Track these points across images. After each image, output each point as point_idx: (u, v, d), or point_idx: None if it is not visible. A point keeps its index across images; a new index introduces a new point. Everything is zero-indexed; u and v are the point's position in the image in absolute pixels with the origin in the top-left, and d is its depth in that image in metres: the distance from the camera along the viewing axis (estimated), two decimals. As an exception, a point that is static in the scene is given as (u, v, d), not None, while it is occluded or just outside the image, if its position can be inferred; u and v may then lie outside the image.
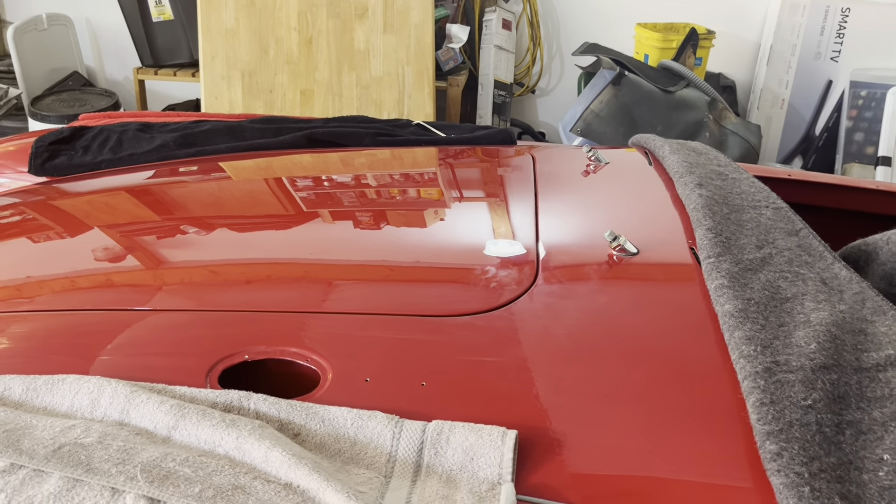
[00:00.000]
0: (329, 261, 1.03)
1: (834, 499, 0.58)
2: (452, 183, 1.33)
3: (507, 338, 0.80)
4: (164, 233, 1.14)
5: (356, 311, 0.86)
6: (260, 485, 0.62)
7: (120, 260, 1.04)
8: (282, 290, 0.93)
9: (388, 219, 1.15)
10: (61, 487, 0.61)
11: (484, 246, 1.00)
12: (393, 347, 0.80)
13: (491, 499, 0.62)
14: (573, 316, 0.84)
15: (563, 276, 0.92)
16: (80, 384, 0.74)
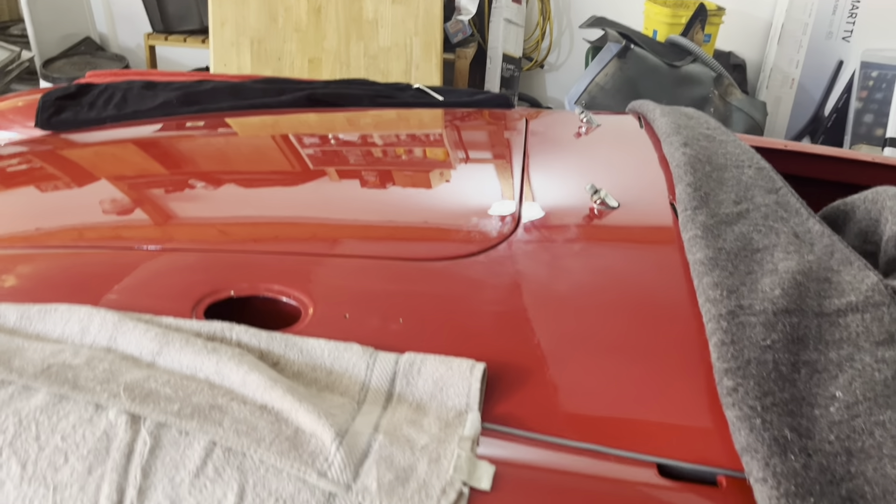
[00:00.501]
0: (316, 207, 1.06)
1: (784, 431, 0.60)
2: (443, 140, 1.35)
3: (483, 281, 0.83)
4: (160, 179, 1.17)
5: (339, 254, 0.89)
6: (236, 405, 0.65)
7: (117, 203, 1.07)
8: (269, 233, 0.96)
9: (376, 170, 1.17)
10: (48, 402, 0.64)
11: (467, 197, 1.03)
12: (373, 288, 0.82)
13: (457, 425, 0.65)
14: (548, 263, 0.86)
15: (542, 226, 0.94)
16: (72, 313, 0.77)
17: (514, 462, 0.64)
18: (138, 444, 0.61)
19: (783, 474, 0.57)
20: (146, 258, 0.90)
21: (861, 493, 0.57)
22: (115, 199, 1.08)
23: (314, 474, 0.59)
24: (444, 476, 0.60)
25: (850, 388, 0.63)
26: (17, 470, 0.60)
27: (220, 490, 0.59)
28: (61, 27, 3.81)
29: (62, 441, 0.61)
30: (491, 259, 0.85)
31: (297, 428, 0.63)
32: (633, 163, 1.17)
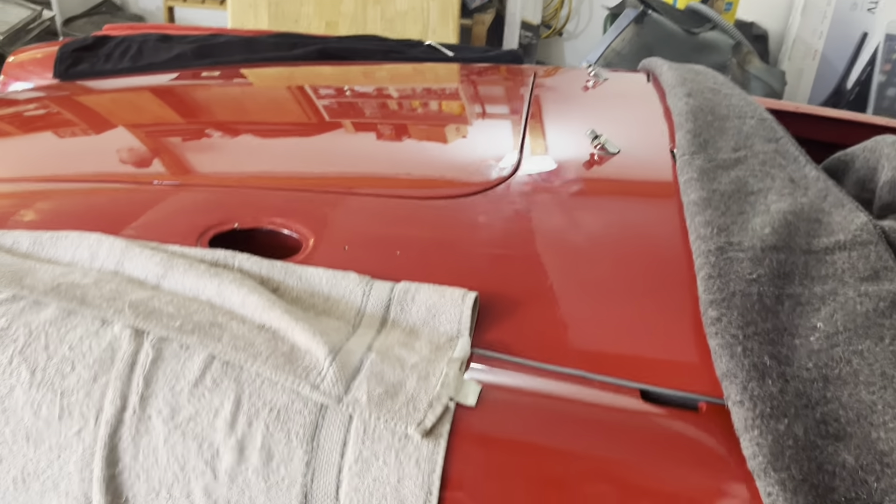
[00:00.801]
0: (320, 149, 1.08)
1: (763, 357, 0.62)
2: (448, 91, 1.36)
3: (480, 219, 0.84)
4: (173, 123, 1.20)
5: (340, 191, 0.91)
6: (235, 323, 0.68)
7: (130, 143, 1.10)
8: (273, 172, 0.99)
9: (381, 118, 1.19)
10: (57, 316, 0.67)
11: (470, 143, 1.04)
12: (372, 223, 0.84)
13: (447, 348, 0.68)
14: (545, 203, 0.88)
15: (541, 170, 0.95)
16: (82, 239, 0.80)
17: (501, 385, 0.66)
18: (141, 356, 0.64)
19: (759, 397, 0.59)
20: (155, 193, 0.93)
21: (835, 417, 0.59)
22: (128, 140, 1.11)
23: (307, 387, 0.62)
24: (431, 391, 0.62)
25: (832, 320, 0.64)
26: (26, 376, 0.64)
27: (217, 399, 0.62)
28: (83, -13, 3.84)
29: (69, 351, 0.65)
30: (489, 199, 0.87)
31: (293, 345, 0.66)
32: (637, 113, 1.18)
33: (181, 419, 0.61)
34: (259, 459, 0.60)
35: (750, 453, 0.57)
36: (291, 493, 0.59)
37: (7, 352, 0.64)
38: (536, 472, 0.60)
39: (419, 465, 0.59)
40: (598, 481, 0.61)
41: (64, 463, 0.62)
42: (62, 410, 0.62)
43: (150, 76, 1.50)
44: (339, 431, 0.60)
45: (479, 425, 0.62)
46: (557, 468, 0.60)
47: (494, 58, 1.62)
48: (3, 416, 0.63)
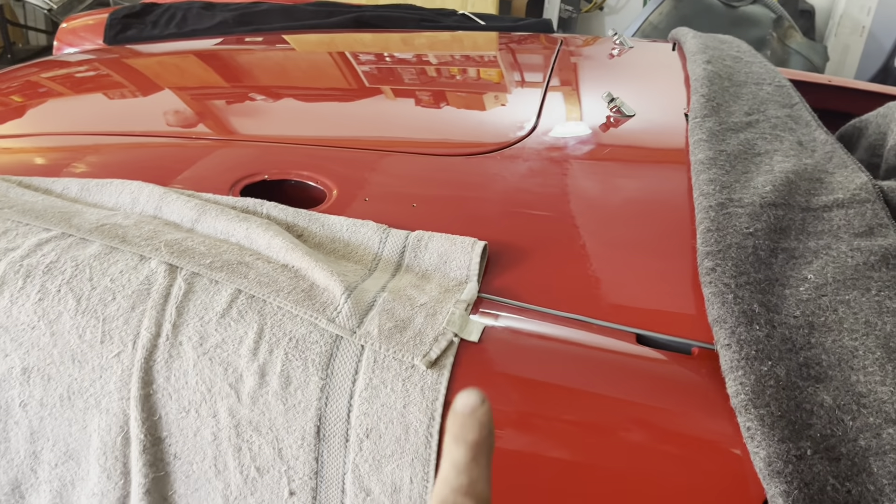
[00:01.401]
0: (347, 109, 1.13)
1: (753, 305, 0.65)
2: (476, 57, 1.39)
3: (495, 175, 0.88)
4: (212, 84, 1.26)
5: (363, 147, 0.96)
6: (261, 263, 0.73)
7: (170, 101, 1.16)
8: (303, 128, 1.04)
9: (410, 81, 1.23)
10: (100, 251, 0.74)
11: (492, 105, 1.08)
12: (392, 177, 0.89)
13: (455, 291, 0.72)
14: (558, 161, 0.91)
15: (557, 131, 0.98)
16: (124, 186, 0.87)
17: (505, 327, 0.70)
18: (174, 289, 0.70)
19: (746, 341, 0.62)
20: (193, 148, 0.99)
21: (817, 361, 0.62)
22: (170, 99, 1.17)
23: (324, 320, 0.67)
24: (437, 327, 0.67)
25: (822, 272, 0.67)
26: (72, 304, 0.70)
27: (241, 329, 0.68)
28: (133, -40, 3.94)
29: (111, 282, 0.71)
30: (503, 157, 0.91)
31: (313, 283, 0.71)
32: (657, 79, 1.19)
33: (209, 346, 0.67)
34: (278, 384, 0.65)
35: (733, 391, 0.60)
36: (307, 415, 0.65)
37: (56, 282, 0.71)
38: (533, 404, 0.64)
39: (423, 393, 0.64)
40: (590, 414, 0.65)
41: (105, 382, 0.68)
42: (104, 335, 0.69)
43: (193, 41, 1.57)
44: (351, 360, 0.65)
45: (481, 360, 0.66)
46: (552, 402, 0.65)
47: (525, 27, 1.64)
48: (52, 338, 0.69)
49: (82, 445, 0.70)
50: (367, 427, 0.64)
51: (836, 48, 3.39)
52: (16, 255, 0.73)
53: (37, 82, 1.33)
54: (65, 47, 1.77)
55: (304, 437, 0.65)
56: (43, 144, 1.05)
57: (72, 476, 0.71)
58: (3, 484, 0.72)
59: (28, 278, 0.71)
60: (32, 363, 0.69)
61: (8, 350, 0.69)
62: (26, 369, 0.69)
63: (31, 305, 0.70)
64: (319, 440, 0.65)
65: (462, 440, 0.36)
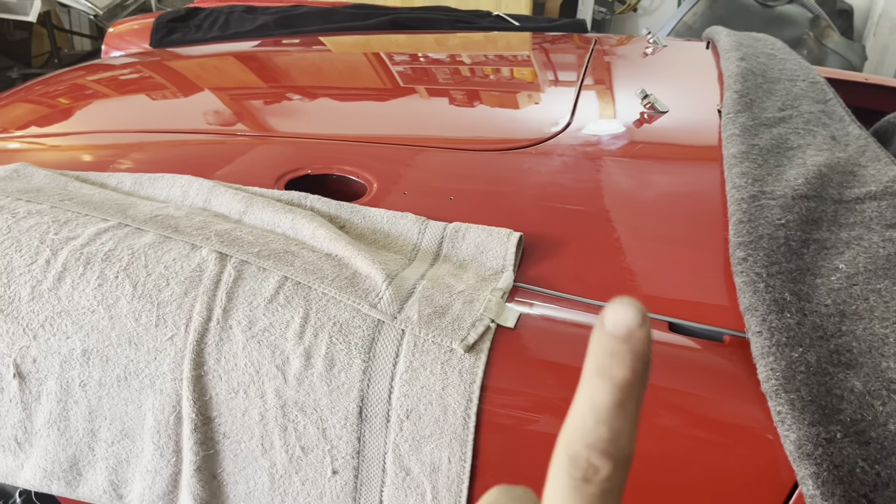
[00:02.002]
0: (389, 107, 1.16)
1: (784, 294, 0.67)
2: (512, 57, 1.42)
3: (530, 169, 0.91)
4: (256, 84, 1.30)
5: (402, 143, 0.99)
6: (306, 252, 0.77)
7: (216, 101, 1.21)
8: (345, 125, 1.08)
9: (446, 81, 1.26)
10: (154, 241, 0.78)
11: (528, 102, 1.10)
12: (430, 172, 0.92)
13: (492, 280, 0.75)
14: (592, 155, 0.93)
15: (592, 126, 1.01)
16: (175, 179, 0.91)
17: (540, 315, 0.73)
18: (224, 276, 0.74)
19: (777, 328, 0.64)
20: (240, 145, 1.03)
21: (848, 348, 0.63)
22: (216, 99, 1.22)
23: (366, 306, 0.70)
24: (475, 313, 0.69)
25: (854, 262, 0.68)
26: (129, 289, 0.74)
27: (288, 313, 0.71)
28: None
29: (165, 269, 0.75)
30: (540, 151, 0.93)
31: (355, 271, 0.74)
32: (691, 76, 1.21)
33: (257, 329, 0.71)
34: (323, 366, 0.69)
35: (764, 377, 0.62)
36: (350, 397, 0.68)
37: (114, 268, 0.75)
38: (566, 388, 0.66)
39: (461, 376, 0.66)
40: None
41: (159, 364, 0.72)
42: (158, 319, 0.73)
43: (235, 44, 1.62)
44: (392, 344, 0.68)
45: (517, 345, 0.69)
46: (586, 386, 0.67)
47: (559, 27, 1.67)
48: (111, 322, 0.73)
49: (137, 424, 0.73)
50: (407, 408, 0.66)
51: (874, 48, 3.34)
52: (76, 244, 0.77)
53: (84, 84, 1.39)
54: (112, 51, 1.83)
55: (347, 417, 0.68)
56: (94, 142, 1.10)
57: (127, 453, 0.75)
58: (62, 461, 0.77)
59: (88, 265, 0.75)
60: (92, 345, 0.73)
61: (69, 333, 0.73)
62: (86, 351, 0.73)
63: (90, 290, 0.74)
64: (362, 420, 0.68)
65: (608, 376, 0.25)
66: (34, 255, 0.76)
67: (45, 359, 0.74)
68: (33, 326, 0.74)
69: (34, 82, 1.43)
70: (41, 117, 1.24)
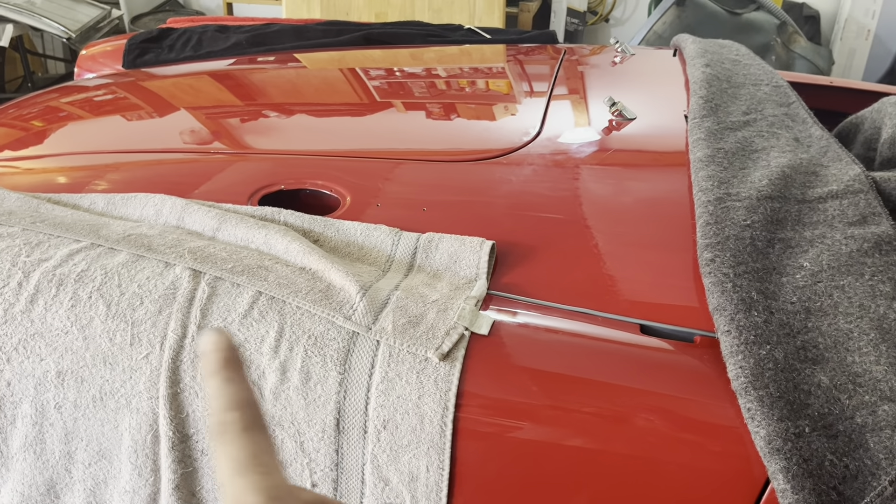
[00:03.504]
0: (358, 120, 1.17)
1: (751, 293, 0.68)
2: (482, 69, 1.43)
3: (501, 178, 0.92)
4: (228, 102, 1.30)
5: (374, 156, 1.00)
6: (280, 266, 0.77)
7: (189, 120, 1.21)
8: (316, 141, 1.08)
9: (419, 93, 1.27)
10: (128, 260, 0.78)
11: (497, 113, 1.12)
12: (403, 184, 0.93)
13: (465, 288, 0.75)
14: (562, 163, 0.94)
15: (561, 135, 1.02)
16: (148, 199, 0.91)
17: (514, 321, 0.73)
18: (198, 292, 0.74)
19: (745, 326, 0.65)
20: (213, 163, 1.03)
21: (814, 344, 0.64)
22: (189, 118, 1.22)
23: (341, 318, 0.70)
24: (448, 322, 0.70)
25: (818, 260, 0.70)
26: (103, 309, 0.74)
27: (263, 328, 0.71)
28: (148, -12, 4.04)
29: (139, 288, 0.75)
30: (511, 161, 0.94)
31: (329, 284, 0.75)
32: (658, 84, 1.23)
33: (233, 345, 0.71)
34: (299, 379, 0.69)
35: (734, 375, 0.63)
36: (327, 409, 0.68)
37: (87, 289, 0.75)
38: (541, 394, 0.67)
39: (437, 384, 0.67)
40: (596, 402, 0.68)
41: (135, 383, 0.72)
42: (133, 338, 0.73)
43: (209, 62, 1.62)
44: (367, 355, 0.69)
45: (492, 351, 0.69)
46: (560, 392, 0.67)
47: (530, 38, 1.69)
48: (85, 342, 0.73)
49: (114, 444, 0.73)
50: (384, 418, 0.67)
51: (842, 52, 3.40)
52: (49, 265, 0.77)
53: (57, 107, 1.38)
54: (85, 73, 1.83)
55: (325, 430, 0.68)
56: (67, 164, 1.10)
57: (104, 475, 0.74)
58: (38, 484, 0.76)
59: (61, 286, 0.75)
60: (66, 367, 0.73)
61: (43, 355, 0.73)
62: (60, 373, 0.73)
63: (64, 312, 0.74)
64: (339, 433, 0.68)
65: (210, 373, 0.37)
66: (6, 277, 0.76)
67: (19, 382, 0.73)
68: (6, 349, 0.73)
69: (6, 106, 1.42)
70: (14, 141, 1.23)
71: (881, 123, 0.92)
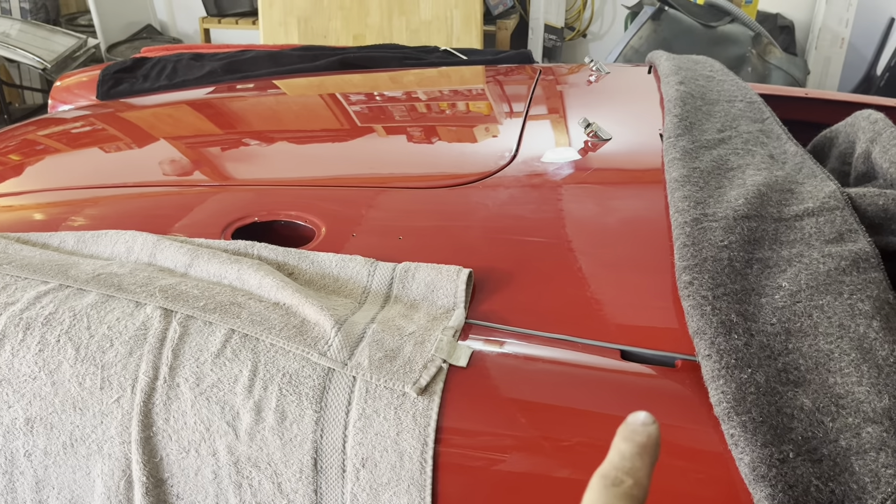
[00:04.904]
0: (330, 149, 1.16)
1: (731, 315, 0.67)
2: (456, 92, 1.43)
3: (477, 204, 0.91)
4: (200, 132, 1.29)
5: (348, 184, 0.99)
6: (253, 302, 0.75)
7: (161, 151, 1.19)
8: (292, 169, 1.07)
9: (391, 118, 1.26)
10: (97, 301, 0.76)
11: (471, 137, 1.11)
12: (378, 212, 0.92)
13: (443, 318, 0.74)
14: (537, 187, 0.94)
15: (537, 157, 1.01)
16: (119, 236, 0.89)
17: (493, 350, 0.72)
18: (170, 332, 0.72)
19: (725, 350, 0.64)
20: (186, 195, 1.02)
21: (795, 366, 0.64)
22: (161, 149, 1.20)
23: (316, 354, 0.69)
24: (426, 355, 0.69)
25: (796, 279, 0.69)
26: (72, 352, 0.72)
27: (236, 367, 0.70)
28: (124, 16, 4.04)
29: (108, 330, 0.73)
30: (486, 186, 0.94)
31: (304, 319, 0.73)
32: (633, 102, 1.23)
33: (205, 386, 0.69)
34: (274, 419, 0.67)
35: (716, 400, 0.62)
36: (304, 448, 0.67)
37: (55, 332, 0.73)
38: (523, 424, 0.66)
39: (416, 420, 0.65)
40: (578, 431, 0.66)
41: (106, 428, 0.70)
42: (103, 381, 0.71)
43: (184, 91, 1.61)
44: (344, 392, 0.67)
45: (471, 384, 0.68)
46: (542, 422, 0.66)
47: (506, 59, 1.69)
48: (53, 388, 0.71)
49: (87, 492, 0.71)
50: (362, 456, 0.65)
51: (817, 61, 3.44)
52: (15, 309, 0.75)
53: (33, 140, 1.37)
54: (59, 105, 1.81)
55: (302, 470, 0.66)
56: (41, 200, 1.08)
57: (78, 523, 0.72)
58: None
59: (28, 330, 0.73)
60: (35, 413, 0.71)
61: (11, 402, 0.71)
62: (29, 419, 0.71)
63: (31, 357, 0.72)
64: (317, 472, 0.66)
65: (630, 439, 0.39)
66: (-29, 323, 0.74)
67: (-14, 430, 0.71)
68: (-27, 398, 0.71)
69: (-21, 141, 1.40)
70: (-12, 176, 1.21)
71: (855, 138, 0.92)
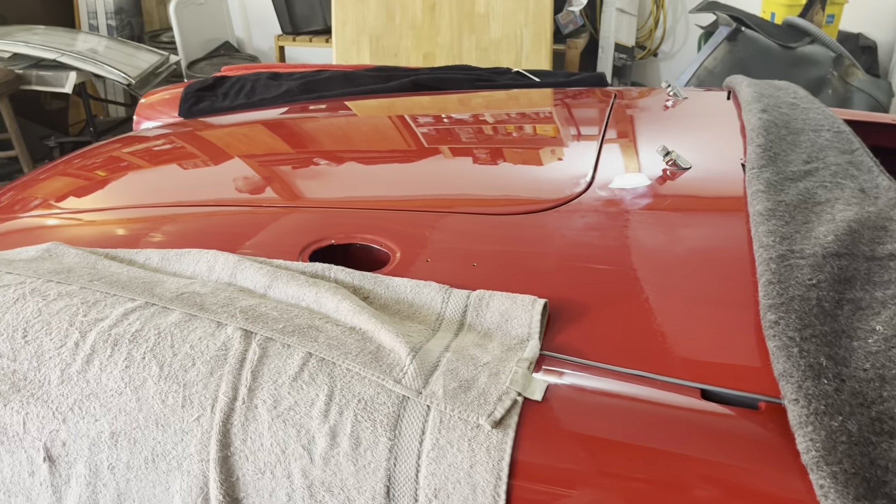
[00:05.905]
0: (409, 173, 1.17)
1: (819, 358, 0.65)
2: (532, 115, 1.42)
3: (552, 232, 0.90)
4: (281, 153, 1.32)
5: (425, 209, 0.99)
6: (330, 326, 0.76)
7: (243, 172, 1.23)
8: (367, 190, 1.09)
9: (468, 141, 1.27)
10: (180, 319, 0.78)
11: (548, 162, 1.10)
12: (453, 237, 0.92)
13: (518, 349, 0.74)
14: (615, 215, 0.92)
15: (614, 186, 1.00)
16: (201, 255, 0.92)
17: (568, 384, 0.71)
18: (249, 354, 0.74)
19: (814, 395, 0.62)
20: (265, 216, 1.05)
21: (890, 415, 0.61)
22: (242, 169, 1.24)
23: (391, 381, 0.69)
24: (501, 387, 0.68)
25: (892, 323, 0.66)
26: (156, 370, 0.74)
27: (313, 391, 0.70)
28: (203, 33, 4.18)
29: (191, 349, 0.75)
30: (560, 214, 0.93)
31: (379, 345, 0.74)
32: (713, 129, 1.20)
33: (283, 408, 0.70)
34: (349, 444, 0.68)
35: (804, 448, 0.60)
36: (377, 476, 0.67)
37: (140, 349, 0.75)
38: (598, 463, 0.65)
39: (489, 453, 0.65)
40: (656, 472, 0.65)
41: (186, 445, 0.72)
42: (185, 400, 0.73)
43: (261, 111, 1.65)
44: (418, 421, 0.67)
45: (546, 418, 0.67)
46: (618, 460, 0.65)
47: (579, 81, 1.68)
48: (138, 403, 0.73)
49: (165, 506, 0.73)
50: (435, 487, 0.65)
51: (901, 82, 3.30)
52: (104, 325, 0.78)
53: (118, 157, 1.42)
54: (143, 121, 1.88)
55: (375, 497, 0.66)
56: (125, 217, 1.12)
57: (156, 536, 0.74)
58: None
59: (116, 347, 0.76)
60: (120, 427, 0.73)
61: (98, 415, 0.74)
62: (114, 433, 0.73)
63: (118, 372, 0.74)
64: (389, 500, 0.66)
65: None
66: (63, 337, 0.77)
67: (74, 442, 0.74)
68: (63, 410, 0.74)
69: (73, 155, 1.47)
70: (77, 190, 1.27)
71: (955, 172, 0.88)
